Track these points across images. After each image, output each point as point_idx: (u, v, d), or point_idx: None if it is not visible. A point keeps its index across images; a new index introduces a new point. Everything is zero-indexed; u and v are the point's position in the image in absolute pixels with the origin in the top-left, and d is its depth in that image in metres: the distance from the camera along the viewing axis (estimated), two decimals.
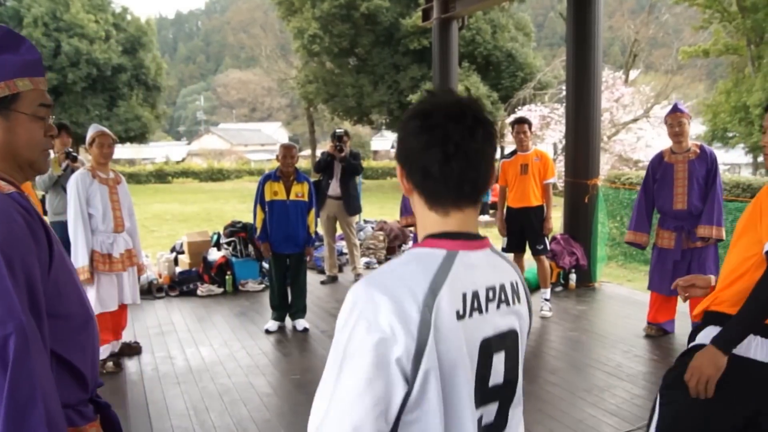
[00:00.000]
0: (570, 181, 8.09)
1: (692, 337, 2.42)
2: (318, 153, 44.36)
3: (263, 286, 7.97)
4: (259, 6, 67.70)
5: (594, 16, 7.82)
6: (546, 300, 6.84)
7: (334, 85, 32.54)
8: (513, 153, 7.05)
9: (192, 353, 5.64)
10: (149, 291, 7.69)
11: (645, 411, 4.30)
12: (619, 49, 43.04)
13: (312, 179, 7.04)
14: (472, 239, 1.35)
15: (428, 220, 1.36)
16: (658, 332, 6.03)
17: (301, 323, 6.37)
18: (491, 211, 16.56)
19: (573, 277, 7.92)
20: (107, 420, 1.78)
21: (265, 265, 7.95)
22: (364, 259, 9.28)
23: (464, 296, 1.27)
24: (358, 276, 8.46)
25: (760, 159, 24.12)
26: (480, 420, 1.32)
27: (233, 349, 5.74)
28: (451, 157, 1.28)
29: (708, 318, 2.38)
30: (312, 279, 7.72)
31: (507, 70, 29.95)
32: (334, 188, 8.20)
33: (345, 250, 9.28)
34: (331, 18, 29.77)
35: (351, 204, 8.27)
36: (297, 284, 6.43)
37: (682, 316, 6.10)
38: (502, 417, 1.38)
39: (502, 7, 29.84)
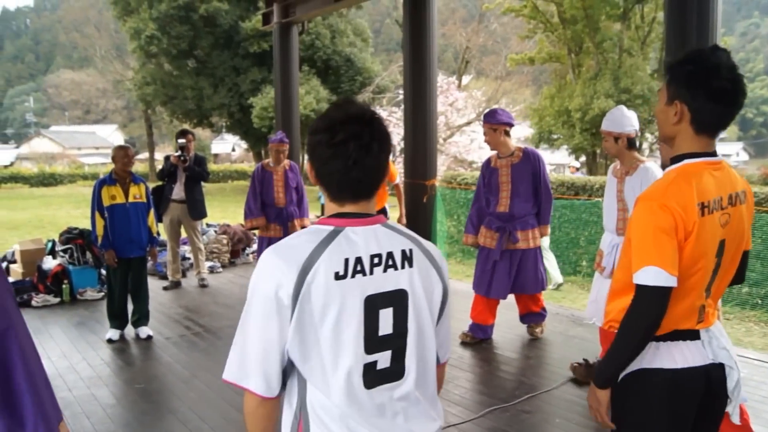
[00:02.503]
0: (409, 182, 8.37)
1: None
2: (156, 156, 43.11)
3: (102, 294, 7.68)
4: (93, 5, 64.08)
5: (428, 23, 8.17)
6: None
7: (173, 87, 31.72)
8: None
9: None
10: None
11: (487, 398, 4.62)
12: (452, 56, 44.67)
13: (152, 185, 6.92)
14: (361, 218, 1.64)
15: (329, 206, 1.68)
16: (473, 339, 5.98)
17: (144, 331, 6.22)
18: None
19: None
20: None
21: (104, 272, 7.70)
22: (208, 263, 9.14)
23: (346, 261, 1.57)
24: (202, 281, 8.35)
25: (582, 159, 25.87)
26: (375, 364, 1.61)
27: (73, 361, 5.53)
28: (350, 170, 1.59)
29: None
30: (154, 285, 7.56)
31: (346, 74, 30.40)
32: (178, 192, 8.06)
33: (188, 255, 9.13)
34: (169, 19, 29.02)
35: (196, 208, 8.15)
36: (139, 290, 6.28)
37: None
38: (398, 364, 1.66)
39: (341, 13, 30.22)
